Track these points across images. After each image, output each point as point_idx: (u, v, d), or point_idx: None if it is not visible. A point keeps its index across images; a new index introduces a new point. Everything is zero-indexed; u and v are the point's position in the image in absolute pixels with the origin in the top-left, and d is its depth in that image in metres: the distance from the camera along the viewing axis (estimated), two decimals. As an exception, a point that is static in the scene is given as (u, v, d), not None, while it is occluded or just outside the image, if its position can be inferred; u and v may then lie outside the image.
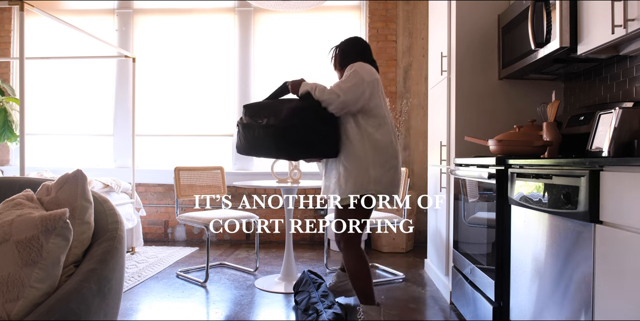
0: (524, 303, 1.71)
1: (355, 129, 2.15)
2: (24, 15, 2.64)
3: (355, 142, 2.14)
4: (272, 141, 2.10)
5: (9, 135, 4.13)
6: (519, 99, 2.69)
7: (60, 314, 1.12)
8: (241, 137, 2.24)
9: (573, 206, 1.32)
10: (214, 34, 4.71)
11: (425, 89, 4.47)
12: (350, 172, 2.13)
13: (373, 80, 2.15)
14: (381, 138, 2.16)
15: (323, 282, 2.64)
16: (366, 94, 2.12)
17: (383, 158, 2.15)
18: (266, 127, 2.10)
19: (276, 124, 2.08)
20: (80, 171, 1.44)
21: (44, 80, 4.82)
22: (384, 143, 2.16)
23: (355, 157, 2.13)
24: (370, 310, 2.13)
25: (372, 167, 2.11)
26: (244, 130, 2.21)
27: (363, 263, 2.17)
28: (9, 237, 1.20)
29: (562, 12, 1.90)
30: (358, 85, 2.09)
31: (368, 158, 2.12)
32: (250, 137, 2.17)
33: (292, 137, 2.07)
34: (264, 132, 2.11)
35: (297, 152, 2.16)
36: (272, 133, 2.09)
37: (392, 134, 2.23)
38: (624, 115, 1.66)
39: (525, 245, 1.71)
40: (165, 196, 4.62)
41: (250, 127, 2.17)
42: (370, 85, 2.13)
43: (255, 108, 2.22)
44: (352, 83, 2.09)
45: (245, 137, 2.20)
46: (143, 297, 2.75)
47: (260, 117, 2.15)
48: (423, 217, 4.38)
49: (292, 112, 2.08)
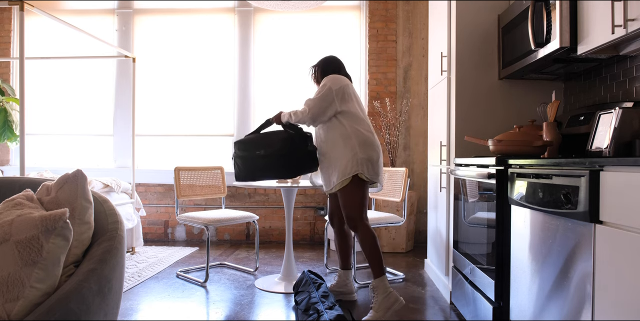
0: (524, 303, 1.71)
1: (341, 127, 2.52)
2: (24, 15, 2.64)
3: (344, 137, 2.49)
4: (272, 167, 2.53)
5: (9, 135, 4.13)
6: (519, 99, 2.69)
7: (60, 314, 1.12)
8: (239, 166, 2.60)
9: (573, 206, 1.32)
10: (213, 34, 4.71)
11: (426, 89, 4.47)
12: (343, 160, 2.48)
13: (341, 87, 2.52)
14: (364, 132, 2.51)
15: (323, 283, 2.64)
16: (336, 102, 2.51)
17: (366, 147, 2.48)
18: (264, 156, 2.51)
19: (273, 153, 2.50)
20: (80, 171, 1.44)
21: (44, 80, 4.82)
22: (366, 135, 2.51)
23: (344, 149, 2.48)
24: (380, 282, 2.41)
25: (359, 153, 2.46)
26: (242, 160, 2.58)
27: (376, 238, 2.48)
28: (9, 236, 1.20)
29: (562, 12, 1.90)
30: (325, 96, 2.50)
31: (355, 148, 2.46)
32: (250, 165, 2.56)
33: (288, 161, 2.51)
34: (263, 161, 2.52)
35: (293, 173, 2.57)
36: (270, 161, 2.51)
37: (371, 128, 2.60)
38: (624, 115, 1.66)
39: (525, 245, 1.71)
40: (165, 196, 4.62)
41: (249, 158, 2.55)
42: (340, 91, 2.51)
43: (248, 143, 2.59)
44: (319, 96, 2.51)
45: (244, 165, 2.58)
46: (143, 297, 2.75)
47: (257, 149, 2.54)
48: (423, 217, 4.38)
49: (283, 142, 2.52)
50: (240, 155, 2.59)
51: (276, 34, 4.67)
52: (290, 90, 4.64)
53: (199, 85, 4.70)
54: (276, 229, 4.53)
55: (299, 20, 4.64)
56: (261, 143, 2.56)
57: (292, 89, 4.63)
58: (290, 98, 4.63)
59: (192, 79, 4.68)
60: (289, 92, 4.64)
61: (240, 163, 2.59)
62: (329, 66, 2.72)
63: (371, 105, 4.46)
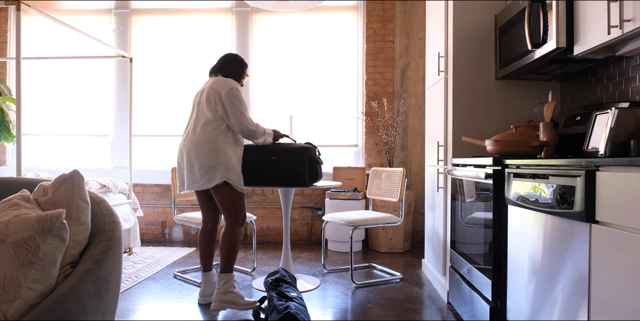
0: (520, 303, 1.72)
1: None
2: (20, 15, 2.64)
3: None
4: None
5: (5, 135, 4.12)
6: (516, 99, 2.70)
7: (57, 315, 1.12)
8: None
9: (569, 206, 1.33)
10: (211, 34, 4.70)
11: (423, 89, 4.48)
12: None
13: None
14: None
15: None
16: None
17: None
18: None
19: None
20: (77, 171, 1.43)
21: (41, 80, 4.81)
22: None
23: None
24: (228, 277, 2.53)
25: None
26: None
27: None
28: (5, 237, 1.20)
29: (558, 12, 1.91)
30: None
31: None
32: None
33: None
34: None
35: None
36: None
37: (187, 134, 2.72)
38: (620, 116, 1.66)
39: (522, 245, 1.71)
40: (162, 196, 4.61)
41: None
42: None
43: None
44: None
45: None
46: (140, 298, 2.75)
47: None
48: (420, 217, 4.39)
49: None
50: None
51: (274, 34, 4.67)
52: (288, 90, 4.64)
53: (197, 86, 4.68)
54: (274, 229, 4.53)
55: (296, 21, 4.64)
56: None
57: (290, 89, 4.63)
58: (288, 98, 4.63)
59: (190, 79, 4.68)
60: (287, 92, 4.64)
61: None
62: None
63: (368, 105, 4.46)
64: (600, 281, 1.21)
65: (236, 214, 2.56)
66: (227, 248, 2.55)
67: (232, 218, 2.56)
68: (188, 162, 2.55)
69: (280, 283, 2.55)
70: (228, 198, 2.53)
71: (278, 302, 2.29)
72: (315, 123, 4.62)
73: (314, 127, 4.62)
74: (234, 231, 2.57)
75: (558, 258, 1.43)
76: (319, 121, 4.62)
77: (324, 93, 4.62)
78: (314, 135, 4.57)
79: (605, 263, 1.19)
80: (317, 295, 2.81)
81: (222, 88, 2.56)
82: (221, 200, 2.54)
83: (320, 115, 4.62)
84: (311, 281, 3.08)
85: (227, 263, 2.55)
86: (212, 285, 2.69)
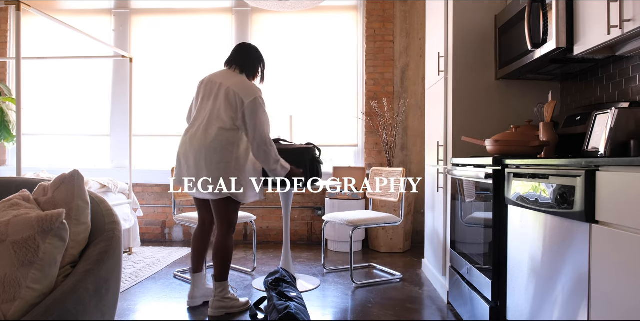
0: (520, 303, 1.72)
1: None
2: (20, 15, 2.64)
3: None
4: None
5: (5, 135, 4.12)
6: (516, 99, 2.70)
7: (57, 314, 1.12)
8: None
9: (569, 206, 1.33)
10: (211, 34, 4.70)
11: (423, 89, 4.48)
12: None
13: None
14: None
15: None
16: None
17: None
18: None
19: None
20: (77, 171, 1.43)
21: (41, 80, 4.80)
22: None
23: None
24: (224, 285, 2.49)
25: None
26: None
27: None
28: (5, 237, 1.20)
29: (558, 12, 1.91)
30: None
31: None
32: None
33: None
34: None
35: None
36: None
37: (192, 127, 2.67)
38: (620, 116, 1.66)
39: (522, 245, 1.71)
40: (162, 196, 4.61)
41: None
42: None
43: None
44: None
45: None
46: (140, 298, 2.75)
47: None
48: (420, 217, 4.39)
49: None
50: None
51: (273, 34, 4.67)
52: (288, 90, 4.64)
53: (196, 86, 4.68)
54: (274, 229, 4.53)
55: (296, 21, 4.64)
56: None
57: (290, 89, 4.63)
58: (288, 98, 4.63)
59: (190, 79, 4.67)
60: (287, 92, 4.64)
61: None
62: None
63: (368, 105, 4.46)
64: (600, 281, 1.21)
65: (229, 224, 2.52)
66: (223, 257, 2.49)
67: (226, 228, 2.51)
68: (195, 166, 2.41)
69: (280, 283, 2.55)
70: (225, 208, 2.49)
71: (278, 302, 2.29)
72: (315, 123, 4.62)
73: (314, 127, 4.62)
74: (229, 239, 2.53)
75: (558, 258, 1.43)
76: (319, 121, 4.62)
77: (324, 93, 4.62)
78: (314, 135, 4.58)
79: (605, 263, 1.19)
80: (317, 295, 2.81)
81: (246, 96, 2.42)
82: (219, 209, 2.49)
83: (320, 115, 4.62)
84: (311, 281, 3.08)
85: (223, 272, 2.50)
86: (201, 287, 2.63)
